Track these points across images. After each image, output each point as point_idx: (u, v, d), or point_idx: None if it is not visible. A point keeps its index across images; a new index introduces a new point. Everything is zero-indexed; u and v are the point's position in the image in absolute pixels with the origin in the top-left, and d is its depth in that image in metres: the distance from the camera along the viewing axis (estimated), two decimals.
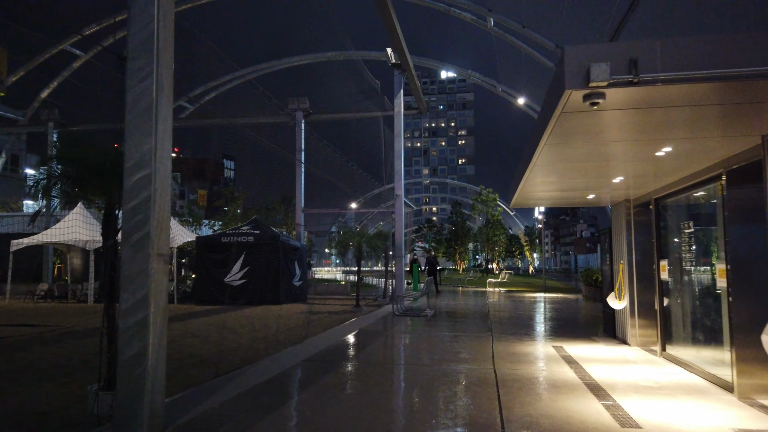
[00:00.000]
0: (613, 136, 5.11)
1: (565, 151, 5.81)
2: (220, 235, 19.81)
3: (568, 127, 4.71)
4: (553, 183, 8.05)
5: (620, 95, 3.88)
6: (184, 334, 11.59)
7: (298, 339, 10.46)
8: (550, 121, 4.46)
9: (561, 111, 4.16)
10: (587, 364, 7.77)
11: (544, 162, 6.30)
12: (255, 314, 15.72)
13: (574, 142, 5.38)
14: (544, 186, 8.46)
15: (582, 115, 4.36)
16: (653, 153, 5.70)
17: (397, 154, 18.87)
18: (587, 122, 4.60)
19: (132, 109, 4.52)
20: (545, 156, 5.97)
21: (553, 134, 4.88)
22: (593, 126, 4.74)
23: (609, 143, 5.38)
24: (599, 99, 3.79)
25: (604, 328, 11.44)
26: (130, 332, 4.39)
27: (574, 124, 4.62)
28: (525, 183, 7.88)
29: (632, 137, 5.14)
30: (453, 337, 10.62)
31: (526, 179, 7.68)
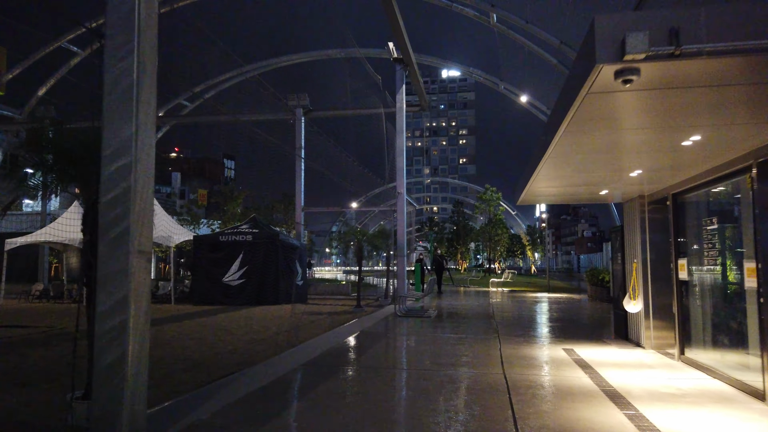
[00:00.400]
0: (639, 123, 4.68)
1: (583, 141, 5.38)
2: (218, 234, 19.40)
3: (591, 112, 4.28)
4: (565, 177, 7.61)
5: (655, 72, 3.45)
6: (179, 335, 11.17)
7: (297, 341, 10.03)
8: (572, 105, 4.03)
9: (587, 91, 3.73)
10: (602, 369, 7.34)
11: (560, 153, 5.87)
12: (253, 315, 15.30)
13: (595, 130, 4.94)
14: (556, 181, 8.03)
15: (609, 97, 3.93)
16: (679, 143, 5.27)
17: (399, 151, 18.44)
18: (613, 105, 4.17)
19: (110, 92, 4.09)
20: (561, 147, 5.55)
21: (574, 120, 4.45)
22: (619, 110, 4.31)
23: (633, 131, 4.94)
24: (633, 76, 3.36)
25: (615, 330, 11.00)
26: (108, 337, 3.96)
27: (599, 107, 4.18)
28: (536, 177, 7.45)
29: (660, 124, 4.70)
30: (458, 340, 10.19)
31: (537, 173, 7.25)
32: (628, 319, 9.97)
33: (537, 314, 15.58)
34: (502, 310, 16.37)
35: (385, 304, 18.35)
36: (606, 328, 12.64)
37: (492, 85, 34.47)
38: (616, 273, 10.92)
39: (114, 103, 4.07)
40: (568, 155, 6.07)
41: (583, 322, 14.27)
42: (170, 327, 12.60)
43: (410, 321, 13.31)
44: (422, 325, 12.62)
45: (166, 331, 12.01)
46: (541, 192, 9.29)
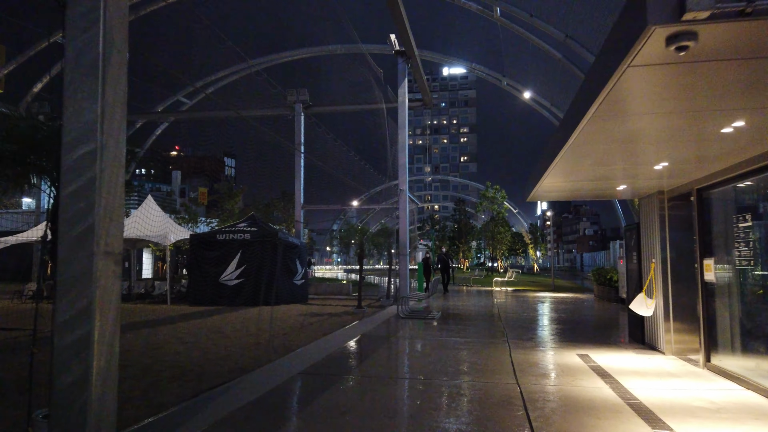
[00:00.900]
0: (678, 105, 4.12)
1: (610, 128, 4.81)
2: (216, 233, 18.84)
3: (627, 91, 3.72)
4: (583, 172, 7.05)
5: (715, 37, 2.89)
6: (171, 339, 10.63)
7: (295, 345, 9.49)
8: (607, 82, 3.47)
9: (629, 63, 3.17)
10: (623, 378, 6.78)
11: (582, 143, 5.31)
12: (251, 316, 14.75)
13: (626, 115, 4.38)
14: (572, 176, 7.47)
15: (652, 71, 3.37)
16: (719, 129, 4.72)
17: (401, 147, 17.86)
18: (655, 82, 3.60)
19: (73, 68, 3.53)
20: (585, 135, 4.98)
21: (605, 102, 3.89)
22: (659, 89, 3.74)
23: (669, 115, 4.38)
24: (689, 42, 2.81)
25: (629, 333, 10.45)
26: (68, 353, 3.41)
27: (637, 85, 3.62)
28: (551, 172, 6.89)
29: (703, 106, 4.13)
30: (465, 344, 9.63)
31: (553, 167, 6.69)
32: (645, 321, 9.41)
33: (545, 315, 15.02)
34: (509, 311, 15.81)
35: (387, 304, 17.80)
36: (618, 330, 12.09)
37: (495, 81, 33.89)
38: (631, 273, 10.36)
39: (76, 80, 3.51)
40: (590, 145, 5.51)
41: (594, 323, 13.71)
42: (163, 329, 12.06)
43: (414, 323, 12.76)
44: (426, 327, 12.07)
45: (158, 333, 11.47)
46: (553, 188, 8.73)
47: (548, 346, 9.40)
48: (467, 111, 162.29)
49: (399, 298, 14.13)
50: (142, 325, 12.90)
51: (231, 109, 26.90)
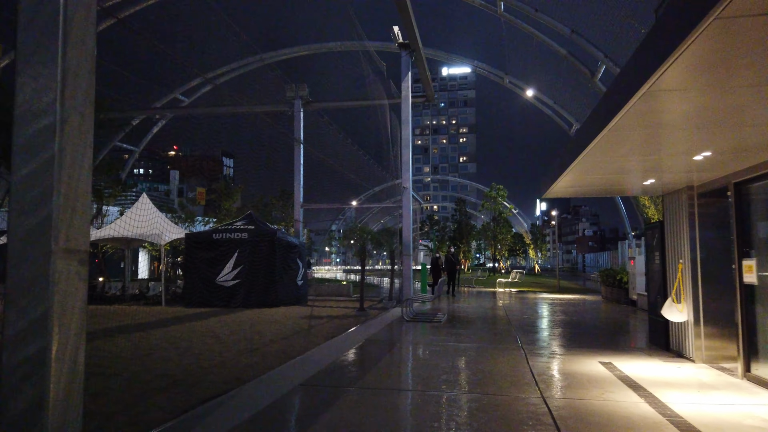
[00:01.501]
0: (753, 77, 3.49)
1: (666, 108, 4.18)
2: (212, 232, 18.19)
3: (703, 54, 3.07)
4: (613, 163, 6.42)
5: None
6: (163, 343, 9.98)
7: (295, 351, 8.84)
8: (685, 39, 2.83)
9: (716, 14, 2.54)
10: (657, 390, 6.16)
11: (628, 125, 4.67)
12: (248, 319, 14.11)
13: (691, 87, 3.72)
14: (599, 168, 6.84)
15: (748, 25, 2.71)
16: None
17: (405, 143, 17.21)
18: (746, 39, 2.93)
19: (26, 27, 2.89)
20: (631, 118, 4.36)
21: (672, 69, 3.25)
22: (746, 50, 3.09)
23: (739, 90, 3.74)
24: None
25: (651, 338, 9.83)
26: (19, 373, 2.77)
27: (720, 44, 2.97)
28: (578, 165, 6.26)
29: None
30: (477, 350, 9.00)
31: (582, 158, 6.06)
32: (670, 326, 8.79)
33: (555, 318, 14.39)
34: (517, 314, 15.19)
35: (390, 306, 17.16)
36: (636, 334, 11.48)
37: (497, 80, 33.29)
38: (652, 275, 9.73)
39: (31, 39, 2.87)
40: (631, 131, 4.88)
41: (608, 327, 13.08)
42: (155, 333, 11.41)
43: (420, 326, 12.13)
44: (433, 331, 11.44)
45: (150, 337, 10.82)
46: (575, 183, 8.10)
47: (566, 353, 8.76)
48: (466, 111, 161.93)
49: (404, 300, 13.49)
50: (134, 328, 12.25)
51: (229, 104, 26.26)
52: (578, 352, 8.81)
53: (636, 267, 17.41)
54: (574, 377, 6.91)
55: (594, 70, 25.01)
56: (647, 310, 15.87)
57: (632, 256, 18.02)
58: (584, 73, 25.72)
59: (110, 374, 7.27)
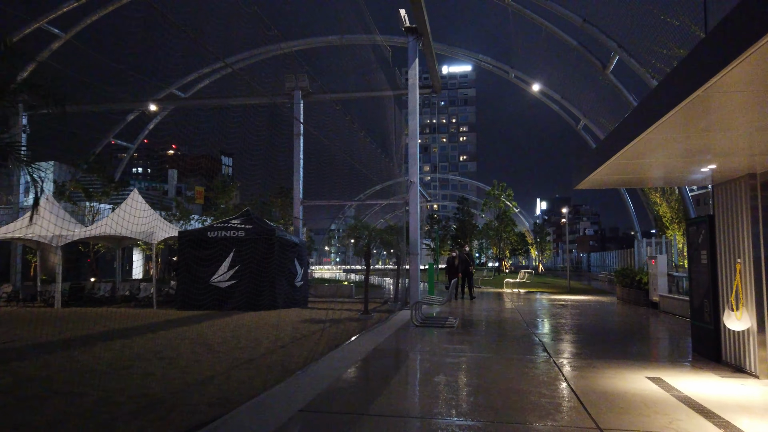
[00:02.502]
0: None
1: None
2: (206, 230, 17.09)
3: None
4: (679, 142, 5.32)
5: None
6: (147, 353, 8.89)
7: (293, 364, 7.76)
8: None
9: None
10: (733, 418, 5.07)
11: (732, 84, 3.58)
12: (244, 323, 13.03)
13: None
14: (659, 151, 5.74)
15: None
16: None
17: (412, 134, 16.12)
18: None
19: None
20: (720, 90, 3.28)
21: None
22: None
23: None
24: None
25: (694, 347, 8.74)
26: None
27: None
28: (643, 140, 5.16)
29: None
30: (503, 362, 7.90)
31: (641, 139, 4.97)
32: (724, 335, 7.70)
33: (577, 322, 13.29)
34: (534, 318, 14.10)
35: (395, 308, 16.08)
36: (674, 342, 10.38)
37: (502, 74, 32.21)
38: (697, 276, 8.64)
39: None
40: (733, 93, 3.79)
41: (638, 333, 11.99)
42: (140, 340, 10.32)
43: (430, 333, 11.03)
44: (447, 338, 10.34)
45: (134, 346, 9.73)
46: (620, 170, 7.00)
47: (604, 365, 7.66)
48: (467, 110, 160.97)
49: (413, 304, 12.41)
50: (118, 334, 11.17)
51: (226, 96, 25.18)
52: (617, 365, 7.72)
53: (658, 267, 16.34)
54: (625, 398, 5.82)
55: (606, 63, 23.94)
56: (671, 312, 14.81)
57: (653, 256, 16.94)
58: (595, 65, 24.64)
59: (76, 394, 6.19)
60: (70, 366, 7.88)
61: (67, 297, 18.68)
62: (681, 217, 23.53)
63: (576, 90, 29.94)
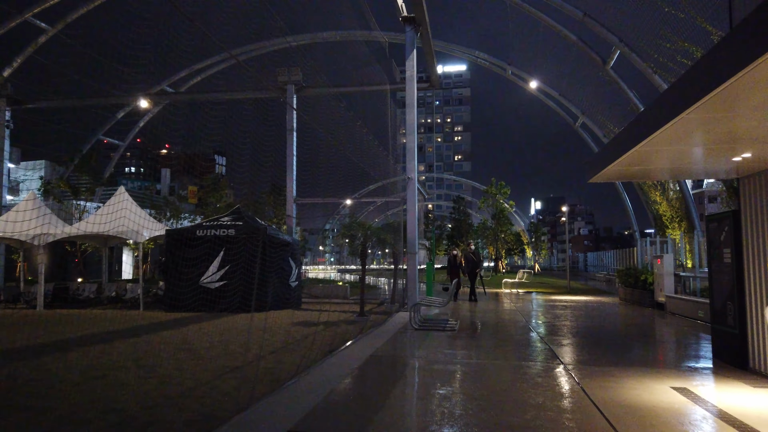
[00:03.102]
0: None
1: None
2: (195, 228, 16.40)
3: None
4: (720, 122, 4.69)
5: None
6: (126, 360, 8.21)
7: (284, 373, 7.10)
8: None
9: None
10: None
11: None
12: (233, 326, 12.36)
13: None
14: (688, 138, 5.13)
15: None
16: None
17: (410, 128, 15.46)
18: None
19: None
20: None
21: None
22: None
23: None
24: None
25: (717, 353, 8.14)
26: None
27: None
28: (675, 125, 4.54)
29: None
30: (512, 371, 7.26)
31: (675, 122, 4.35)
32: (752, 340, 7.10)
33: (583, 324, 12.68)
34: (538, 320, 13.48)
35: (392, 310, 15.44)
36: (691, 346, 9.76)
37: (498, 71, 31.64)
38: (718, 276, 8.04)
39: None
40: None
41: (649, 336, 11.38)
42: (120, 345, 9.64)
43: (431, 337, 10.39)
44: (449, 343, 9.71)
45: (113, 351, 9.05)
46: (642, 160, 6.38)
47: (622, 373, 7.04)
48: (461, 109, 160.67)
49: (413, 306, 11.76)
50: (98, 338, 10.47)
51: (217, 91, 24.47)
52: (637, 373, 7.10)
53: (664, 266, 15.77)
54: (654, 414, 5.20)
55: (606, 58, 23.42)
56: (679, 313, 14.09)
57: (658, 255, 16.37)
58: (595, 60, 24.11)
59: (39, 409, 5.51)
60: (39, 376, 7.19)
61: (50, 298, 17.95)
62: (682, 216, 23.00)
63: (574, 87, 29.41)
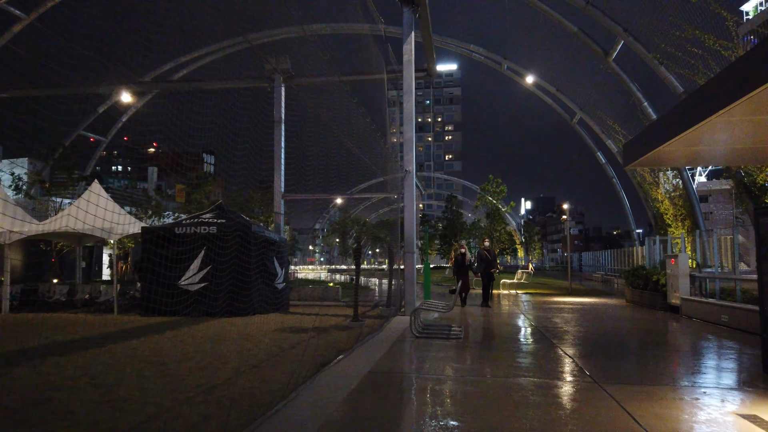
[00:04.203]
0: None
1: None
2: (173, 226, 15.11)
3: None
4: None
5: None
6: (80, 377, 6.96)
7: (265, 396, 5.90)
8: None
9: None
10: None
11: None
12: (213, 333, 11.13)
13: None
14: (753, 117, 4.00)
15: None
16: None
17: (407, 117, 14.29)
18: None
19: None
20: None
21: None
22: None
23: None
24: None
25: (767, 366, 7.05)
26: None
27: None
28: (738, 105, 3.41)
29: None
30: (540, 393, 6.10)
31: None
32: None
33: (600, 330, 11.57)
34: (548, 325, 12.34)
35: (388, 314, 14.25)
36: (730, 357, 8.65)
37: (494, 65, 30.60)
38: None
39: None
40: None
41: (679, 345, 10.25)
42: (79, 358, 8.36)
43: (435, 347, 9.22)
44: (458, 355, 8.54)
45: (68, 367, 7.77)
46: (701, 140, 5.25)
47: (670, 395, 5.91)
48: (452, 109, 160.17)
49: (414, 311, 10.58)
50: (56, 349, 9.20)
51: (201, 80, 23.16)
52: (685, 393, 5.97)
53: (679, 267, 14.73)
54: None
55: (608, 49, 22.41)
56: (696, 317, 12.18)
57: (673, 254, 15.33)
58: (597, 52, 23.10)
59: None
60: None
61: (17, 302, 16.60)
62: (685, 214, 22.14)
63: (573, 81, 28.44)
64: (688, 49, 18.01)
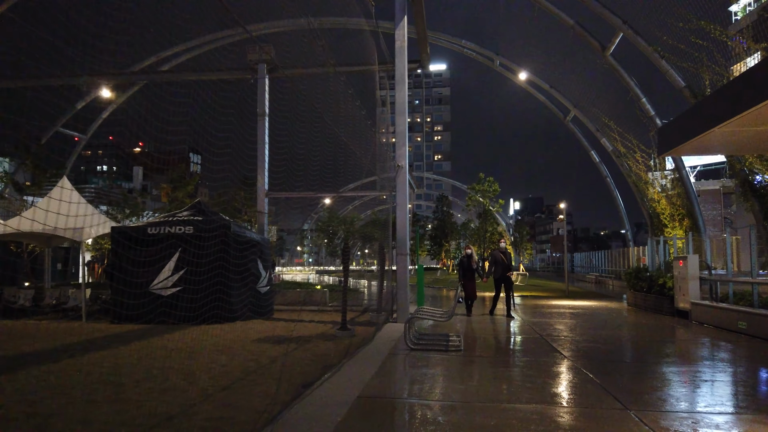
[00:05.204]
0: None
1: None
2: (146, 226, 13.95)
3: None
4: None
5: None
6: (16, 404, 5.84)
7: (235, 427, 4.84)
8: None
9: None
10: None
11: None
12: (185, 344, 10.03)
13: None
14: None
15: None
16: None
17: (400, 108, 13.26)
18: None
19: None
20: None
21: None
22: None
23: None
24: None
25: None
26: None
27: None
28: None
29: None
30: (567, 426, 5.08)
31: None
32: None
33: (611, 339, 10.60)
34: (554, 334, 11.34)
35: (378, 320, 13.20)
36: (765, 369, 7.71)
37: (486, 62, 29.69)
38: None
39: None
40: None
41: (701, 356, 9.29)
42: (24, 376, 7.22)
43: (434, 362, 8.17)
44: (461, 372, 7.51)
45: (7, 388, 6.64)
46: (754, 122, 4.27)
47: (722, 427, 4.93)
48: (441, 109, 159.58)
49: (408, 320, 9.52)
50: (2, 365, 8.05)
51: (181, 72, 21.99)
52: (741, 424, 4.99)
53: (688, 269, 13.84)
54: None
55: (606, 44, 21.54)
56: (708, 323, 11.08)
57: (681, 256, 14.44)
58: (594, 46, 22.24)
59: None
60: None
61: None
62: (684, 214, 21.42)
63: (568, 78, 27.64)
64: (692, 41, 17.20)
